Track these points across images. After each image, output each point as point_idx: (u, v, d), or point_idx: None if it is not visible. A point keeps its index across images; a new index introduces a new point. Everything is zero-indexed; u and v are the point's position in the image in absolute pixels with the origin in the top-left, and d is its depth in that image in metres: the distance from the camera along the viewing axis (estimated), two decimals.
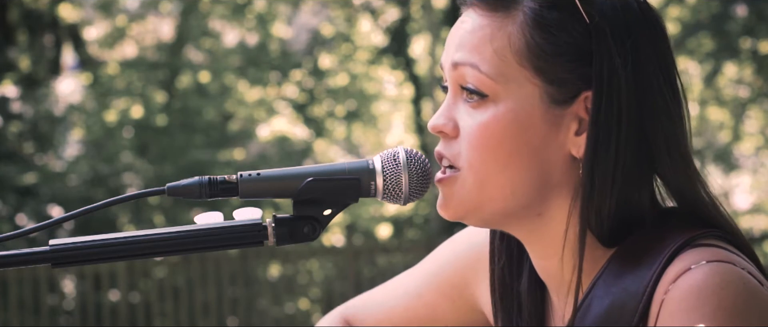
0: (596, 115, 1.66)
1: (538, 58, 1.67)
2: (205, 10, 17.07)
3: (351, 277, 12.76)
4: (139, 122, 16.09)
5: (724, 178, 18.34)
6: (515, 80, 1.68)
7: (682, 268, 1.60)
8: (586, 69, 1.67)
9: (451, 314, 2.01)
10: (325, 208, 1.73)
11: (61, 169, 15.34)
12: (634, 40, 1.67)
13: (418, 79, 17.87)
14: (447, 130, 1.72)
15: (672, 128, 1.69)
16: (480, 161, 1.68)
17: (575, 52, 1.67)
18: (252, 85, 17.27)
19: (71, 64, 17.63)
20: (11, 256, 1.67)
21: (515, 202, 1.70)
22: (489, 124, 1.68)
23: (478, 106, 1.69)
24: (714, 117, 18.02)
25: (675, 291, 1.59)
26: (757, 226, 16.92)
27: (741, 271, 1.61)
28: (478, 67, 1.69)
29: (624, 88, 1.65)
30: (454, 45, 1.74)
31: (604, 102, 1.66)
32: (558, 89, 1.67)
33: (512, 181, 1.69)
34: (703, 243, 1.65)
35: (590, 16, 1.67)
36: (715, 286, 1.57)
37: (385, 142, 18.49)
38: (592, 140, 1.66)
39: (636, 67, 1.67)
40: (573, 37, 1.67)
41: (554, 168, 1.69)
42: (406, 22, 18.03)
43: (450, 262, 2.00)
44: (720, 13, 15.54)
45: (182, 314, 12.58)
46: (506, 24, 1.69)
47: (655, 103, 1.68)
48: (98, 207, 1.71)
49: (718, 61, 16.31)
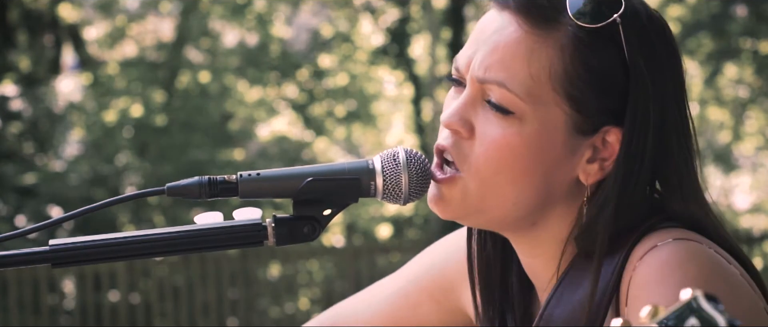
0: (626, 151, 1.66)
1: (573, 87, 1.65)
2: (205, 10, 17.06)
3: (351, 277, 12.75)
4: (138, 122, 16.08)
5: (724, 178, 18.34)
6: (544, 102, 1.66)
7: (648, 247, 1.62)
8: (614, 103, 1.66)
9: (435, 315, 2.01)
10: (325, 208, 1.73)
11: (61, 169, 15.33)
12: (662, 79, 1.67)
13: (418, 79, 17.85)
14: (462, 131, 1.70)
15: (684, 160, 1.69)
16: (491, 172, 1.68)
17: (610, 89, 1.66)
18: (252, 85, 17.26)
19: (71, 64, 17.62)
20: (11, 256, 1.68)
21: (515, 213, 1.71)
22: (511, 139, 1.67)
23: (502, 118, 1.67)
24: (714, 117, 18.01)
25: (642, 267, 1.60)
26: (757, 226, 16.90)
27: (707, 248, 1.62)
28: (506, 85, 1.66)
29: (651, 128, 1.66)
30: (483, 53, 1.69)
31: (633, 141, 1.66)
32: (584, 119, 1.67)
33: (517, 194, 1.69)
34: (670, 225, 1.66)
35: (632, 60, 1.64)
36: (681, 260, 1.58)
37: (385, 142, 18.47)
38: (619, 174, 1.66)
39: (662, 108, 1.67)
40: (610, 70, 1.66)
41: (559, 188, 1.70)
42: (406, 22, 18.02)
43: (437, 264, 2.00)
44: (720, 13, 15.52)
45: (182, 314, 12.57)
46: (547, 45, 1.66)
47: (672, 141, 1.68)
48: (98, 207, 1.71)
49: (717, 61, 16.30)
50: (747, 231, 14.50)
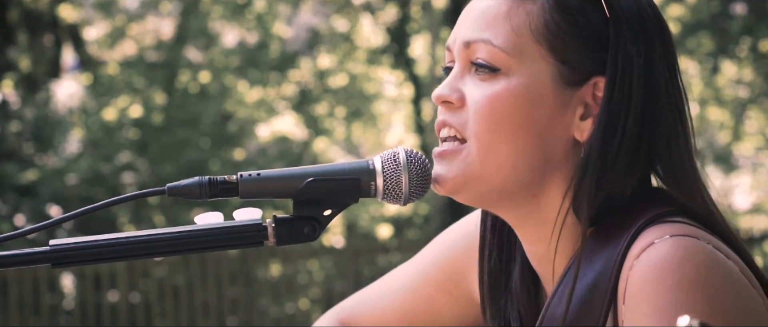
0: (608, 99, 1.68)
1: (556, 38, 1.69)
2: (205, 10, 17.06)
3: (351, 277, 12.76)
4: (138, 121, 16.09)
5: (724, 178, 18.34)
6: (529, 56, 1.69)
7: (645, 244, 1.61)
8: (599, 54, 1.69)
9: (449, 308, 1.99)
10: (325, 209, 1.73)
11: (60, 168, 15.32)
12: (647, 35, 1.70)
13: (418, 79, 17.85)
14: (452, 100, 1.72)
15: (674, 121, 1.70)
16: (487, 131, 1.69)
17: (592, 36, 1.69)
18: (252, 85, 17.26)
19: (71, 64, 17.62)
20: (11, 256, 1.67)
21: (515, 177, 1.70)
22: (500, 95, 1.69)
23: (489, 78, 1.70)
24: (714, 117, 18.01)
25: (639, 266, 1.59)
26: (757, 226, 16.90)
27: (705, 245, 1.61)
28: (490, 41, 1.70)
29: (635, 77, 1.68)
30: (466, 24, 1.75)
31: (616, 87, 1.68)
32: (570, 70, 1.69)
33: (515, 155, 1.69)
34: (669, 220, 1.65)
35: (609, 4, 1.69)
36: (678, 258, 1.58)
37: (385, 142, 18.47)
38: (602, 122, 1.68)
39: (647, 60, 1.69)
40: (591, 22, 1.69)
41: (556, 149, 1.70)
42: (406, 22, 18.02)
43: (444, 253, 1.99)
44: (719, 13, 15.53)
45: (182, 314, 12.57)
46: (526, 2, 1.71)
47: (661, 97, 1.70)
48: (98, 207, 1.71)
49: (716, 59, 16.30)
50: (747, 231, 14.49)
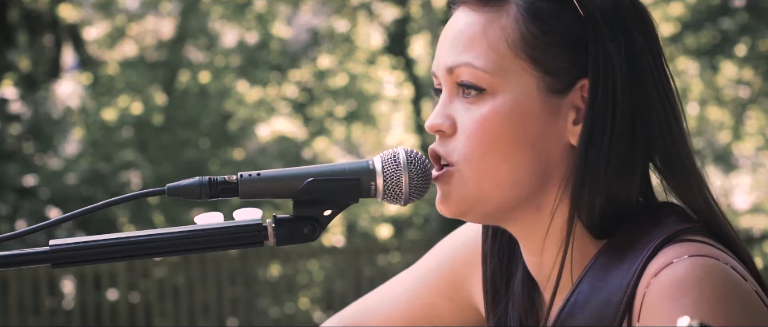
0: (593, 100, 1.67)
1: (534, 48, 1.68)
2: (205, 9, 17.06)
3: (351, 277, 12.76)
4: (138, 121, 16.08)
5: (724, 178, 18.33)
6: (512, 72, 1.68)
7: (664, 263, 1.60)
8: (581, 57, 1.68)
9: (450, 314, 1.99)
10: (326, 209, 1.73)
11: (60, 168, 15.32)
12: (625, 28, 1.69)
13: (417, 79, 17.86)
14: (445, 128, 1.72)
15: (665, 114, 1.69)
16: (479, 154, 1.68)
17: (570, 40, 1.68)
18: (252, 85, 17.26)
19: (71, 64, 17.61)
20: (11, 257, 1.67)
21: (515, 193, 1.70)
22: (488, 116, 1.68)
23: (476, 100, 1.69)
24: (714, 117, 18.00)
25: (656, 284, 1.58)
26: (757, 226, 16.90)
27: (724, 266, 1.60)
28: (472, 64, 1.69)
29: (619, 74, 1.67)
30: (445, 48, 1.74)
31: (600, 87, 1.66)
32: (554, 78, 1.68)
33: (514, 172, 1.68)
34: (687, 238, 1.64)
35: (583, 4, 1.68)
36: (696, 279, 1.57)
37: (385, 142, 18.47)
38: (589, 124, 1.67)
39: (629, 54, 1.68)
40: (567, 26, 1.68)
41: (553, 158, 1.69)
42: (405, 22, 18.02)
43: (446, 259, 1.98)
44: (719, 12, 15.53)
45: (182, 314, 12.57)
46: (499, 17, 1.70)
47: (648, 89, 1.69)
48: (98, 207, 1.71)
49: (714, 58, 16.29)
50: (747, 231, 14.50)
